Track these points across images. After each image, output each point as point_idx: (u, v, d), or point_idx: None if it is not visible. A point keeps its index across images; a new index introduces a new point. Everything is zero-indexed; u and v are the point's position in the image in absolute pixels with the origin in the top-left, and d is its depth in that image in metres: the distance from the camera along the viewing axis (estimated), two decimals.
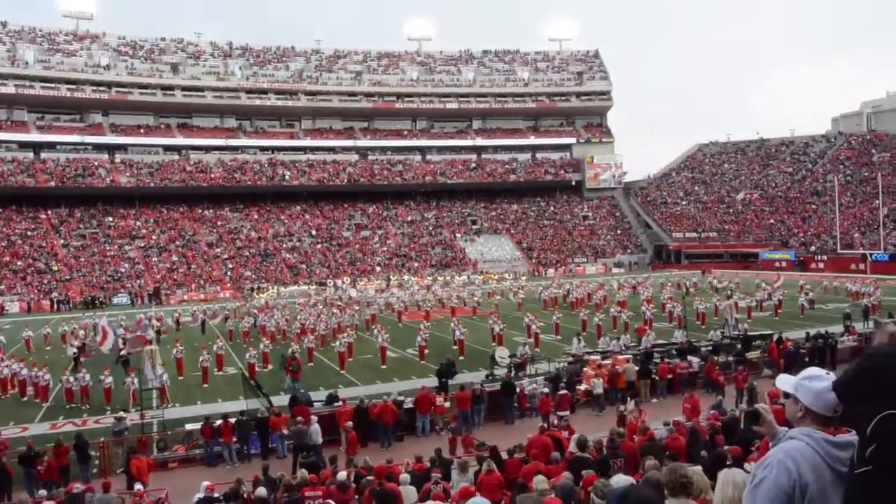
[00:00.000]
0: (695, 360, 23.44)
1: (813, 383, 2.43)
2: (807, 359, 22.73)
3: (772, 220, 74.49)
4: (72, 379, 23.57)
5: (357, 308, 42.36)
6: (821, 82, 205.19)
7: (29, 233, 67.27)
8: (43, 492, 12.85)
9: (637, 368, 22.04)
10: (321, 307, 43.27)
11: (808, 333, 25.85)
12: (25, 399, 24.06)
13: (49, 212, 70.69)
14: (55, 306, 56.31)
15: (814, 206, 72.77)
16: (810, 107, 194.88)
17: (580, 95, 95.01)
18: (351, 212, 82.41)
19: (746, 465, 7.03)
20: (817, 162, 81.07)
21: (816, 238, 67.70)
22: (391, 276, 66.98)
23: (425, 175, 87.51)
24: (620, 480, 5.79)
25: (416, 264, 73.10)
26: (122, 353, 28.06)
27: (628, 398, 17.63)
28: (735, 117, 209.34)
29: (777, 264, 64.51)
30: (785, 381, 2.56)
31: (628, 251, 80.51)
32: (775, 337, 25.33)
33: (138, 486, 12.26)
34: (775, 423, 2.66)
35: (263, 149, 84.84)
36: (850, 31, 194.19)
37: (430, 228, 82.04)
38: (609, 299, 42.47)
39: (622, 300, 39.99)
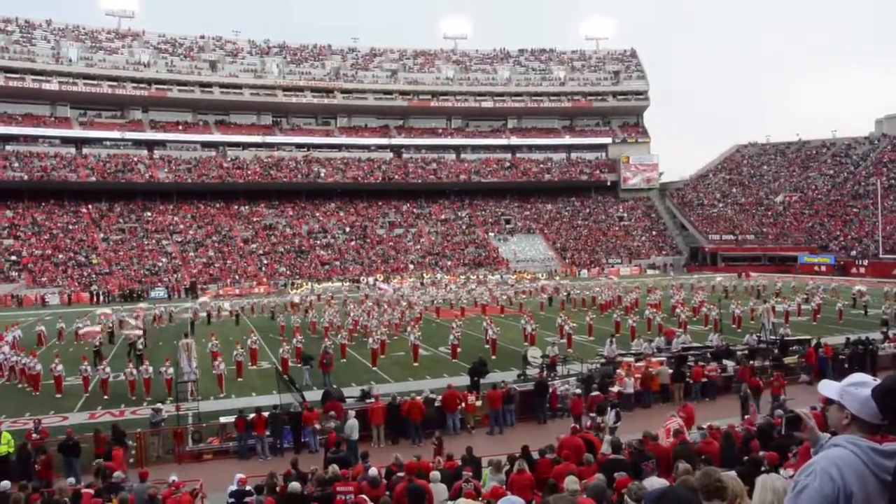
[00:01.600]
0: (730, 363, 23.12)
1: (860, 390, 2.36)
2: (846, 365, 22.31)
3: (811, 224, 73.17)
4: (135, 371, 23.91)
5: (405, 305, 42.53)
6: (864, 83, 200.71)
7: (70, 226, 68.73)
8: (70, 480, 13.12)
9: (671, 371, 21.82)
10: (371, 304, 43.46)
11: (847, 339, 25.35)
12: (60, 396, 24.09)
13: (90, 206, 72.14)
14: (95, 299, 57.40)
15: (855, 210, 71.28)
16: (853, 108, 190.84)
17: (616, 95, 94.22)
18: (385, 209, 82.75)
19: (783, 472, 6.91)
20: (860, 164, 79.37)
21: (857, 242, 66.32)
22: (424, 275, 67.15)
23: (459, 174, 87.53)
24: (654, 483, 5.72)
25: (448, 263, 73.17)
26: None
27: (608, 408, 17.16)
28: (775, 118, 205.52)
29: (816, 268, 63.34)
30: (829, 387, 2.49)
31: (663, 253, 79.66)
32: (813, 342, 24.88)
33: (173, 477, 12.45)
34: (817, 430, 2.61)
35: (299, 146, 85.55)
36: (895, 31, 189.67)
37: (464, 227, 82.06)
38: (640, 302, 41.97)
39: (653, 302, 39.53)
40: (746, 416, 16.88)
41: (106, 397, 23.71)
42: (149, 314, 42.08)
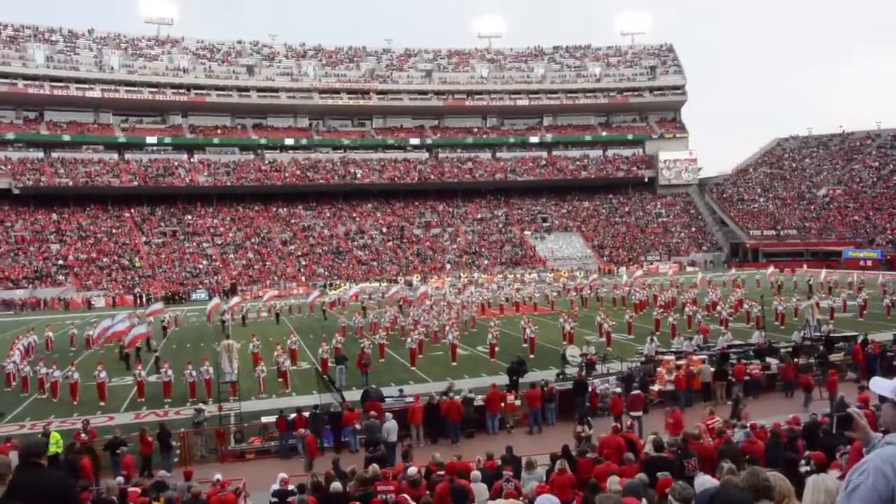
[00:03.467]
0: (773, 361, 22.72)
1: None
2: (895, 362, 21.76)
3: (856, 217, 71.49)
4: (194, 373, 23.85)
5: (459, 305, 42.27)
6: None
7: (114, 230, 70.22)
8: (119, 479, 13.37)
9: (713, 370, 21.48)
10: (428, 303, 43.29)
11: (895, 335, 24.71)
12: (104, 404, 23.60)
13: (132, 210, 73.65)
14: (138, 301, 58.50)
15: None
16: None
17: (653, 90, 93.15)
18: (421, 209, 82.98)
19: (832, 472, 6.76)
20: None
21: None
22: (462, 274, 67.10)
23: (495, 172, 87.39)
24: (706, 482, 5.64)
25: (485, 262, 73.10)
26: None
27: (584, 416, 16.78)
28: (817, 110, 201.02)
29: (862, 263, 61.88)
30: (882, 385, 2.44)
31: (703, 249, 78.58)
32: (860, 339, 24.31)
33: (217, 476, 12.62)
34: (869, 429, 2.55)
35: (336, 147, 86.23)
36: None
37: (500, 226, 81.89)
38: (677, 300, 41.08)
39: (686, 301, 38.63)
40: (737, 419, 16.15)
41: (167, 400, 23.71)
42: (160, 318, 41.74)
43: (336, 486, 10.45)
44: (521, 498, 9.48)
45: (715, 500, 2.67)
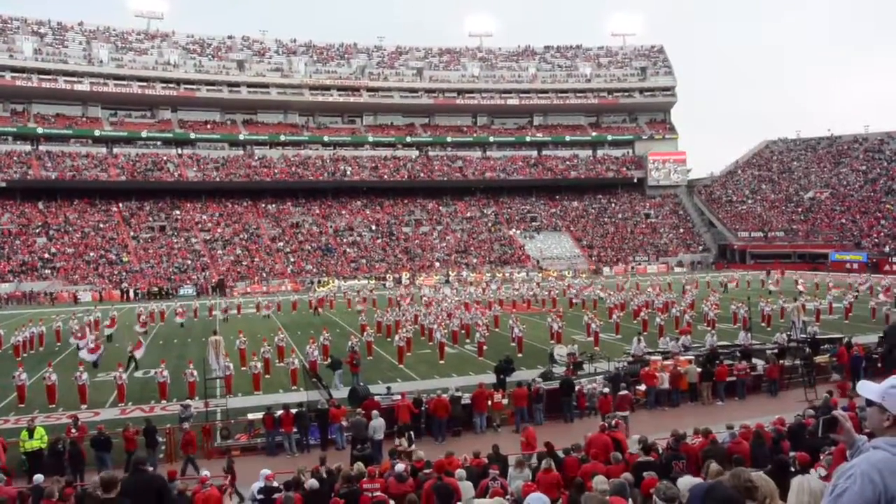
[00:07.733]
0: (759, 362, 22.85)
1: None
2: (879, 364, 21.93)
3: (843, 220, 71.94)
4: (195, 372, 23.13)
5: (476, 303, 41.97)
6: None
7: (101, 225, 69.72)
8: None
9: (699, 370, 21.57)
10: (453, 303, 42.74)
11: (880, 337, 24.87)
12: (85, 406, 22.58)
13: (120, 205, 73.15)
14: (125, 296, 58.24)
15: (889, 206, 69.96)
16: (886, 102, 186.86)
17: (643, 91, 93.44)
18: (411, 207, 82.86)
19: (813, 472, 6.80)
20: (893, 160, 77.88)
21: (891, 239, 65.10)
22: (450, 272, 67.13)
23: (485, 171, 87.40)
24: (689, 482, 5.65)
25: (474, 260, 73.09)
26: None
27: (403, 430, 16.71)
28: (805, 113, 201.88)
29: (848, 266, 62.31)
30: (869, 389, 2.43)
31: (691, 250, 78.87)
32: (844, 340, 24.47)
33: (204, 472, 12.55)
34: (853, 432, 2.54)
35: (325, 144, 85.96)
36: None
37: (490, 225, 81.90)
38: (654, 302, 40.15)
39: (659, 307, 38.52)
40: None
41: (164, 401, 23.02)
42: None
43: (312, 483, 10.43)
44: (507, 496, 9.48)
45: (709, 494, 2.66)
